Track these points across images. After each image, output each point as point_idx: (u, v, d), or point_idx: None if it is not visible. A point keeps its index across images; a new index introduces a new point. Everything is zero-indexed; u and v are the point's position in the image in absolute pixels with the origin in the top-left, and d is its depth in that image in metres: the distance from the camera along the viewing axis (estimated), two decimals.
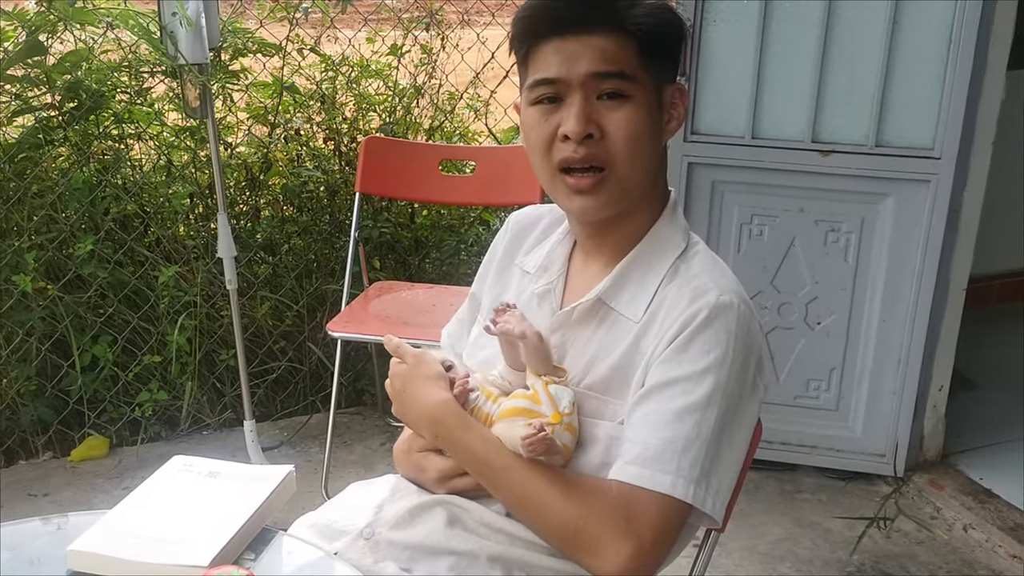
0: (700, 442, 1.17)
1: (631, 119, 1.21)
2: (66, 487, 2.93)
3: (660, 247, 1.29)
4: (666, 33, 1.23)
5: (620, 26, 1.19)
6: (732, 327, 1.20)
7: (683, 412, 1.18)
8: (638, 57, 1.20)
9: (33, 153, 3.07)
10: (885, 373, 2.84)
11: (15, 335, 3.01)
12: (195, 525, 1.26)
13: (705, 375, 1.18)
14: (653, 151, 1.26)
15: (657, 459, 1.17)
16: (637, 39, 1.20)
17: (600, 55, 1.19)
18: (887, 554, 2.63)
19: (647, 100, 1.22)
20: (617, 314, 1.27)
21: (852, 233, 2.75)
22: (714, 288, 1.23)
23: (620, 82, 1.20)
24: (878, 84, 2.61)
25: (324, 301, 3.48)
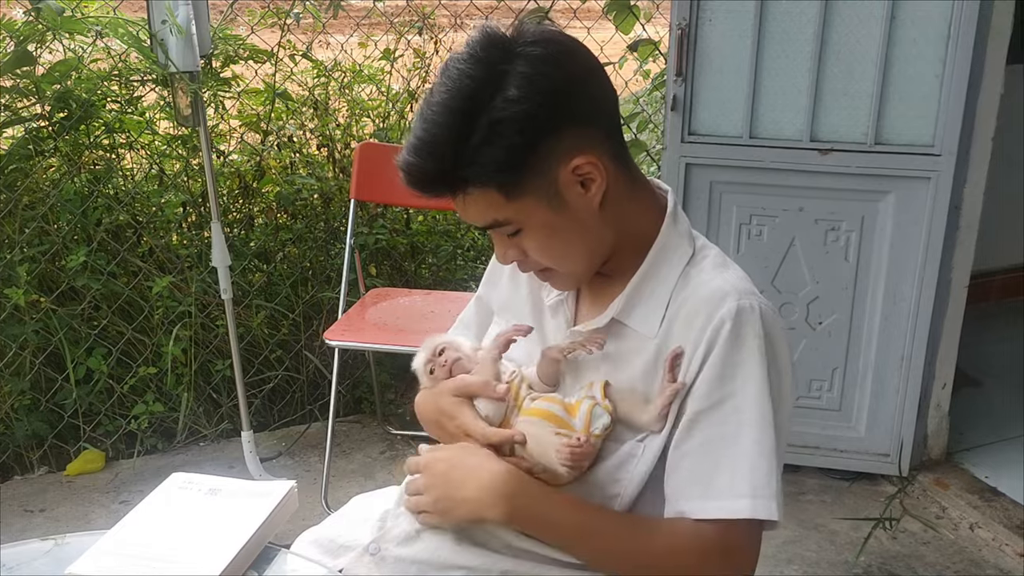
0: (764, 457, 1.16)
1: (537, 244, 1.21)
2: (62, 502, 2.89)
3: (666, 258, 1.27)
4: (516, 157, 1.14)
5: (470, 185, 1.15)
6: (759, 330, 1.18)
7: (739, 432, 1.17)
8: (506, 199, 1.16)
9: (23, 164, 3.03)
10: (888, 372, 2.82)
11: (8, 349, 2.97)
12: (196, 545, 1.23)
13: (747, 388, 1.17)
14: (581, 234, 1.22)
15: (730, 488, 1.16)
16: (493, 186, 1.15)
17: (473, 212, 1.18)
18: (894, 555, 2.61)
19: (540, 214, 1.18)
20: (632, 330, 1.26)
21: (852, 232, 2.73)
22: (731, 293, 1.20)
23: (504, 227, 1.19)
24: (876, 81, 2.59)
25: (320, 309, 3.45)
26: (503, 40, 1.14)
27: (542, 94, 1.12)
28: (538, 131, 1.13)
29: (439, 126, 1.13)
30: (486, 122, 1.11)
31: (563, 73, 1.15)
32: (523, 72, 1.11)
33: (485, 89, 1.12)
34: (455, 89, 1.12)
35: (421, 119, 1.16)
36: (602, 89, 1.20)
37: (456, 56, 1.16)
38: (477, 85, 1.12)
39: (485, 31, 1.15)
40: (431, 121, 1.14)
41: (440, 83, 1.15)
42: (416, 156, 1.15)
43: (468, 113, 1.12)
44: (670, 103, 2.73)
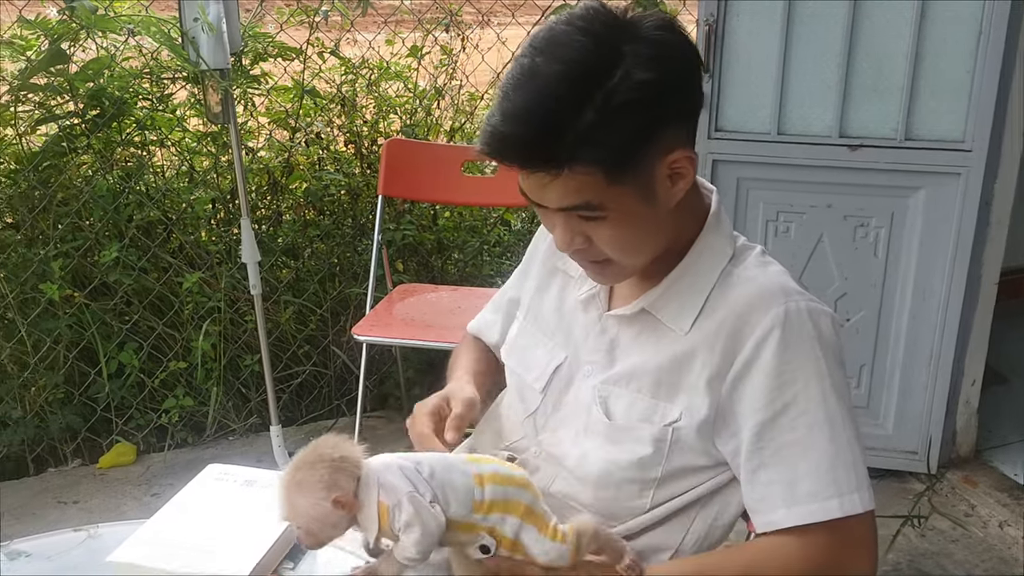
0: (841, 453, 1.15)
1: (613, 233, 1.16)
2: (95, 494, 2.93)
3: (707, 257, 1.25)
4: (633, 143, 1.10)
5: (575, 163, 1.08)
6: (810, 330, 1.17)
7: (812, 435, 1.15)
8: (606, 182, 1.10)
9: (57, 161, 3.08)
10: (916, 369, 2.81)
11: (43, 343, 3.02)
12: (233, 535, 1.25)
13: (809, 390, 1.16)
14: (655, 228, 1.20)
15: (816, 492, 1.14)
16: (600, 167, 1.10)
17: (564, 191, 1.11)
18: (923, 552, 2.60)
19: (630, 203, 1.14)
20: (663, 324, 1.24)
21: (882, 228, 2.72)
22: (776, 296, 1.19)
23: (591, 211, 1.14)
24: (907, 77, 2.58)
25: (347, 305, 3.47)
26: (620, 18, 1.10)
27: (666, 81, 1.09)
28: (657, 118, 1.10)
29: (551, 97, 1.06)
30: (604, 103, 1.06)
31: (685, 63, 1.13)
32: (649, 55, 1.07)
33: (603, 65, 1.06)
34: (572, 61, 1.07)
35: (525, 86, 1.08)
36: (700, 82, 1.18)
37: (564, 27, 1.09)
38: (595, 60, 1.07)
39: (597, 6, 1.11)
40: (542, 90, 1.07)
41: (547, 53, 1.08)
42: (520, 126, 1.07)
43: (586, 87, 1.06)
44: None
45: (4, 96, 2.96)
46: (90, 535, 1.39)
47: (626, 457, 1.23)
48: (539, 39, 1.10)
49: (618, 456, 1.23)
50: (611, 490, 1.25)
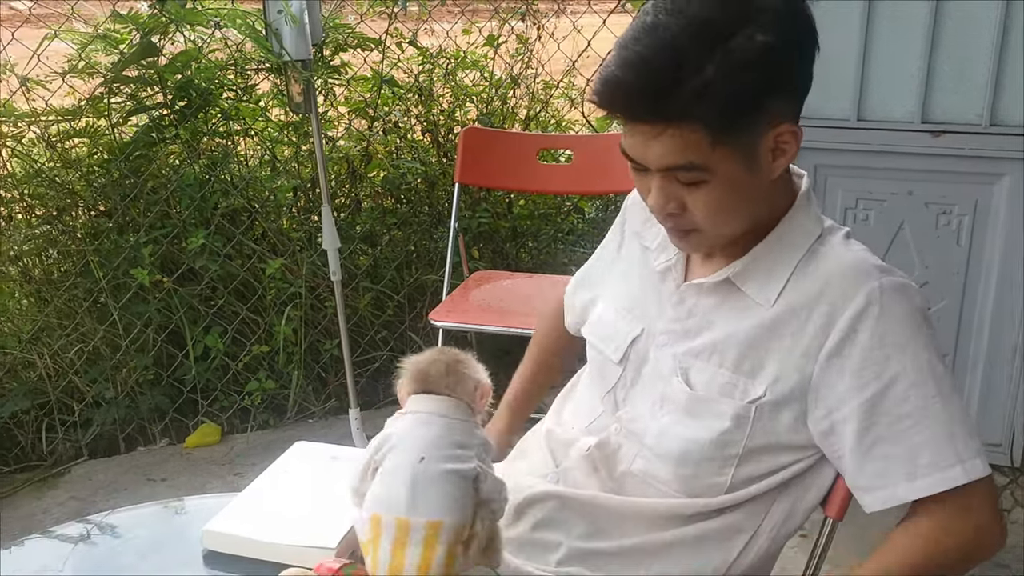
0: (957, 421, 1.14)
1: (710, 199, 1.15)
2: (182, 472, 3.04)
3: (795, 233, 1.24)
4: (744, 106, 1.09)
5: (684, 119, 1.08)
6: (912, 304, 1.17)
7: (927, 405, 1.14)
8: (711, 143, 1.09)
9: (147, 151, 3.19)
10: (1000, 359, 2.75)
11: (133, 326, 3.14)
12: (320, 508, 1.30)
13: (918, 362, 1.15)
14: (751, 200, 1.19)
15: (937, 462, 1.14)
16: (708, 127, 1.09)
17: (668, 149, 1.11)
18: (1005, 547, 2.55)
19: (732, 168, 1.13)
20: (746, 297, 1.23)
21: (965, 215, 2.67)
22: (871, 272, 1.18)
23: (692, 173, 1.13)
24: (992, 60, 2.52)
25: (424, 291, 3.53)
26: None
27: (789, 44, 1.09)
28: (771, 85, 1.09)
29: (671, 48, 1.06)
30: (725, 61, 1.05)
31: (806, 34, 1.12)
32: (774, 19, 1.07)
33: (727, 19, 1.06)
34: (696, 17, 1.06)
35: (646, 36, 1.08)
36: (811, 60, 1.16)
37: None
38: (722, 17, 1.06)
39: None
40: (663, 41, 1.06)
41: (671, 7, 1.08)
42: (633, 74, 1.07)
43: (707, 42, 1.05)
44: None
45: (98, 88, 3.07)
46: (178, 510, 1.46)
47: (705, 434, 1.22)
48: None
49: (698, 432, 1.23)
50: (691, 467, 1.24)
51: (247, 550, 1.24)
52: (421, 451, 1.09)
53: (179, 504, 1.47)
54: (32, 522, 2.75)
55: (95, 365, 3.17)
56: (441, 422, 1.13)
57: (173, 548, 1.31)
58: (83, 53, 3.00)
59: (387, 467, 1.10)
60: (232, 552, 1.25)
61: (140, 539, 1.35)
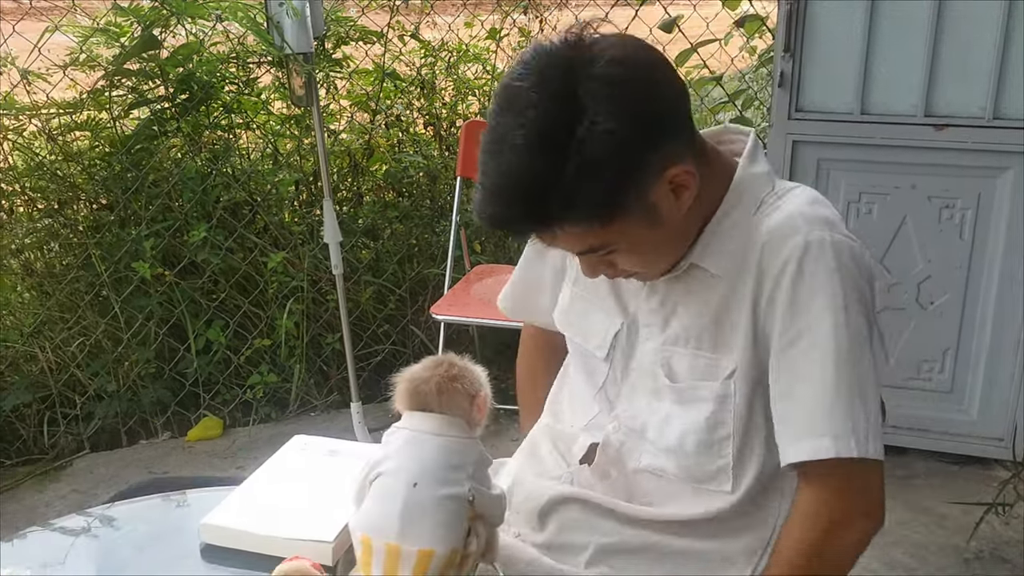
0: (843, 394, 1.12)
1: (630, 258, 1.18)
2: (184, 465, 3.05)
3: (742, 197, 1.22)
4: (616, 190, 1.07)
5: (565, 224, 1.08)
6: (830, 263, 1.13)
7: (816, 370, 1.13)
8: (601, 227, 1.10)
9: (148, 144, 3.19)
10: (1003, 353, 2.74)
11: (135, 320, 3.14)
12: (318, 502, 1.30)
13: (822, 324, 1.13)
14: (672, 237, 1.19)
15: (811, 427, 1.13)
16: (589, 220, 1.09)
17: (566, 244, 1.14)
18: (1006, 540, 2.55)
19: (635, 232, 1.12)
20: (708, 273, 1.22)
21: (968, 209, 2.66)
22: (800, 228, 1.15)
23: (595, 252, 1.15)
24: (996, 54, 2.51)
25: (426, 285, 3.53)
26: (567, 59, 1.05)
27: (632, 115, 1.04)
28: (634, 155, 1.06)
29: (522, 169, 1.04)
30: (575, 162, 1.02)
31: (644, 85, 1.08)
32: (604, 94, 1.03)
33: (564, 120, 1.02)
34: (530, 127, 1.03)
35: (494, 160, 1.06)
36: (677, 87, 1.13)
37: (516, 84, 1.06)
38: (554, 117, 1.03)
39: (542, 51, 1.07)
40: (508, 166, 1.05)
41: (506, 116, 1.05)
42: (498, 205, 1.08)
43: (554, 151, 1.03)
44: (777, 79, 2.70)
45: (100, 81, 3.07)
46: (179, 503, 1.46)
47: (696, 420, 1.22)
48: (499, 97, 1.08)
49: (689, 420, 1.23)
50: (691, 456, 1.24)
51: (244, 543, 1.24)
52: (414, 476, 1.09)
53: (179, 497, 1.47)
54: (34, 515, 2.76)
55: (97, 358, 3.17)
56: (435, 442, 1.12)
57: (172, 541, 1.31)
58: (84, 46, 3.00)
59: (378, 488, 1.10)
60: (229, 545, 1.25)
61: (140, 532, 1.35)
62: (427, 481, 1.08)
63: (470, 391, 1.16)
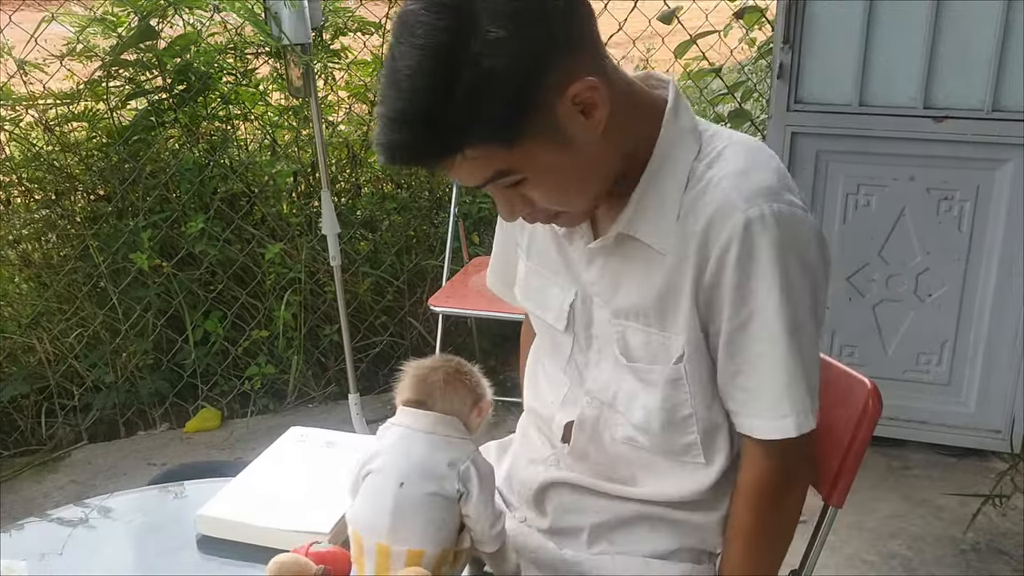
0: (797, 371, 1.14)
1: (543, 188, 1.11)
2: (182, 457, 3.05)
3: (671, 160, 1.16)
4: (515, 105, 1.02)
5: (466, 147, 1.03)
6: (772, 238, 1.09)
7: (771, 350, 1.13)
8: (505, 149, 1.04)
9: (146, 135, 3.18)
10: (1001, 346, 2.74)
11: (133, 311, 3.14)
12: (315, 493, 1.30)
13: (768, 303, 1.11)
14: (590, 165, 1.12)
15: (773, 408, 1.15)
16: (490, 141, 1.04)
17: (469, 171, 1.07)
18: (1003, 532, 2.56)
19: (544, 156, 1.07)
20: (646, 247, 1.17)
21: (967, 201, 2.66)
22: (737, 205, 1.10)
23: (502, 180, 1.08)
24: (995, 46, 2.51)
25: (424, 277, 3.53)
26: None
27: (526, 26, 1.00)
28: (531, 69, 1.01)
29: (418, 91, 1.00)
30: (472, 75, 0.99)
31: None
32: (498, 8, 0.99)
33: (459, 37, 0.99)
34: (425, 46, 1.00)
35: (392, 87, 1.02)
36: (581, 3, 1.08)
37: (412, 8, 1.02)
38: (449, 35, 0.99)
39: None
40: (406, 88, 1.01)
41: (403, 42, 1.01)
42: (398, 132, 1.03)
43: (448, 69, 0.99)
44: (776, 71, 2.69)
45: (97, 72, 3.06)
46: (177, 493, 1.46)
47: (654, 401, 1.22)
48: (394, 27, 1.05)
49: (649, 399, 1.22)
50: (658, 435, 1.24)
51: (240, 535, 1.24)
52: (402, 475, 1.09)
53: (176, 488, 1.47)
54: (32, 505, 2.76)
55: (95, 350, 3.17)
56: (426, 439, 1.12)
57: (169, 532, 1.31)
58: (81, 36, 3.00)
59: (369, 486, 1.11)
60: (225, 537, 1.25)
61: (137, 523, 1.35)
62: (414, 479, 1.09)
63: (475, 391, 1.16)
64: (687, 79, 3.87)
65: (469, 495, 1.10)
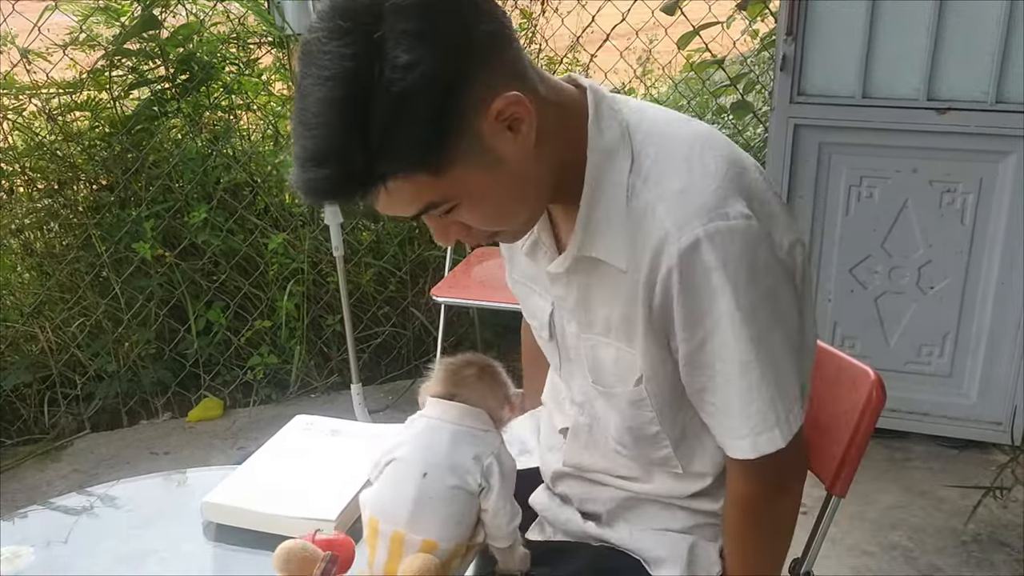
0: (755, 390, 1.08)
1: (477, 213, 1.05)
2: (185, 446, 3.05)
3: (606, 175, 1.10)
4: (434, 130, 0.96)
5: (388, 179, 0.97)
6: (711, 262, 1.04)
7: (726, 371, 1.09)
8: (431, 176, 0.98)
9: (149, 125, 3.18)
10: (1003, 338, 2.74)
11: (135, 301, 3.14)
12: (320, 481, 1.30)
13: (720, 325, 1.06)
14: (520, 181, 1.06)
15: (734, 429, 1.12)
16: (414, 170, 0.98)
17: (398, 204, 1.01)
18: (1004, 524, 2.56)
19: (473, 180, 1.01)
20: (605, 264, 1.13)
21: (970, 194, 2.66)
22: (670, 232, 1.05)
23: (436, 209, 1.02)
24: (999, 37, 2.50)
25: (426, 267, 3.53)
26: (363, 2, 0.95)
27: (436, 45, 0.94)
28: (446, 89, 0.95)
29: (330, 125, 0.95)
30: (383, 102, 0.93)
31: (447, 14, 0.97)
32: (405, 29, 0.93)
33: (368, 64, 0.93)
34: (331, 76, 0.94)
35: (303, 124, 0.96)
36: (487, 10, 1.01)
37: (315, 37, 0.96)
38: (357, 62, 0.93)
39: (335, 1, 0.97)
40: (315, 124, 0.95)
41: (308, 74, 0.96)
42: (314, 169, 0.96)
43: (359, 98, 0.93)
44: (779, 63, 2.69)
45: (100, 61, 3.06)
46: (180, 481, 1.47)
47: (622, 419, 1.21)
48: (300, 56, 0.99)
49: (617, 418, 1.21)
50: (635, 448, 1.23)
51: (246, 521, 1.25)
52: (426, 466, 1.10)
53: (180, 476, 1.48)
54: (35, 494, 2.77)
55: (97, 339, 3.17)
56: (452, 431, 1.12)
57: (173, 519, 1.32)
58: (84, 25, 2.99)
59: (391, 473, 1.11)
60: (231, 523, 1.26)
61: (141, 510, 1.36)
62: (438, 472, 1.09)
63: (507, 386, 1.18)
64: (690, 70, 3.87)
65: (490, 489, 1.10)
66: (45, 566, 1.22)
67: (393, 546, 1.07)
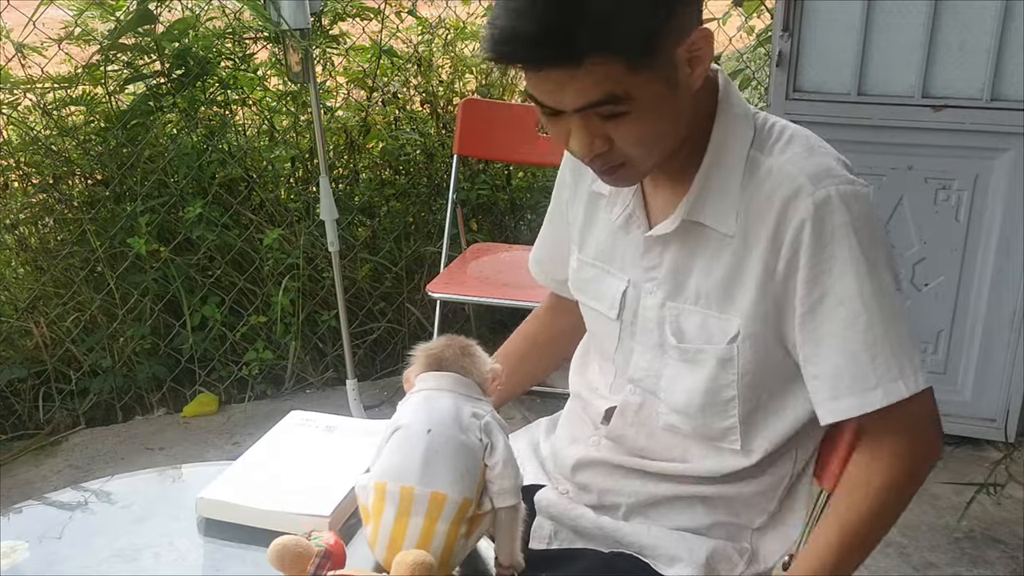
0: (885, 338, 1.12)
1: (636, 128, 1.09)
2: (180, 442, 3.05)
3: (728, 145, 1.17)
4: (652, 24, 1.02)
5: (595, 54, 1.00)
6: (843, 217, 1.11)
7: (853, 322, 1.12)
8: (629, 70, 1.02)
9: (144, 120, 3.17)
10: (997, 335, 2.75)
11: (130, 296, 3.14)
12: (316, 477, 1.30)
13: (845, 278, 1.11)
14: (675, 119, 1.12)
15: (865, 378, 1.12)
16: (622, 54, 1.02)
17: (584, 87, 1.03)
18: (998, 520, 2.57)
19: (655, 90, 1.06)
20: (709, 229, 1.19)
21: (964, 191, 2.66)
22: (803, 186, 1.12)
23: (612, 106, 1.06)
24: (995, 34, 2.51)
25: (422, 263, 3.53)
26: None
27: None
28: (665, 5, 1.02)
29: None
30: None
31: None
32: None
33: None
34: None
35: None
36: None
37: None
38: None
39: None
40: None
41: None
42: (526, 20, 0.99)
43: None
44: (775, 59, 2.69)
45: (95, 56, 3.05)
46: (175, 477, 1.46)
47: (699, 382, 1.23)
48: None
49: (693, 381, 1.23)
50: (697, 416, 1.25)
51: (240, 517, 1.24)
52: (430, 423, 1.10)
53: (175, 472, 1.47)
54: (30, 489, 2.77)
55: (92, 334, 3.17)
56: (448, 396, 1.13)
57: (168, 515, 1.32)
58: (79, 20, 2.98)
59: (396, 440, 1.11)
60: (226, 519, 1.25)
61: (136, 506, 1.35)
62: (442, 428, 1.10)
63: (487, 360, 1.19)
64: None
65: (494, 447, 1.11)
66: (40, 561, 1.22)
67: (402, 503, 1.06)
